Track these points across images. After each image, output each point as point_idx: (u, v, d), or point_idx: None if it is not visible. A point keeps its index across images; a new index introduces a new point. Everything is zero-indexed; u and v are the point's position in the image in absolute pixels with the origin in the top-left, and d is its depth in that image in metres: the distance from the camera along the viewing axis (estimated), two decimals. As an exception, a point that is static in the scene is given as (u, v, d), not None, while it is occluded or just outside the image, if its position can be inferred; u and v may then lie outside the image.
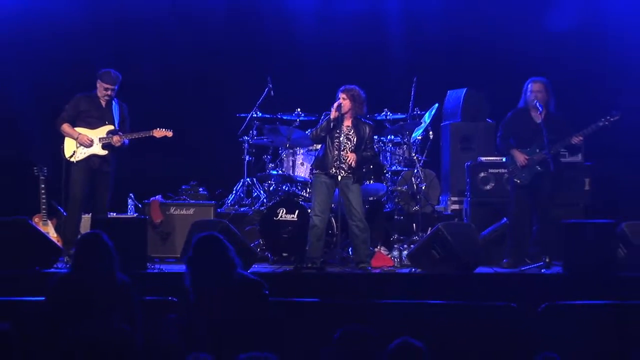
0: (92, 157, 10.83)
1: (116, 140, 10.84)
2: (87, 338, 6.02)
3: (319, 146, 11.71)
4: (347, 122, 10.59)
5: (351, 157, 10.44)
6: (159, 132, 11.08)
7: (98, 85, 10.93)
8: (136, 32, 13.88)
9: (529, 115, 10.85)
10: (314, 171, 10.70)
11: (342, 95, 10.56)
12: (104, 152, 10.86)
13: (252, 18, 14.12)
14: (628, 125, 13.11)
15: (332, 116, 10.44)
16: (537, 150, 10.66)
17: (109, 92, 10.90)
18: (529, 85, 10.85)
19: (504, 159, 11.22)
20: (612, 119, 10.60)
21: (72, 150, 10.83)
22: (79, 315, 6.47)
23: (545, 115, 10.73)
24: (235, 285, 6.66)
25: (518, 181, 10.78)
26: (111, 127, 10.91)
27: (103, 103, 10.96)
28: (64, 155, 10.87)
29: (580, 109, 10.94)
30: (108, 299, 6.58)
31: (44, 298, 6.92)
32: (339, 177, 10.38)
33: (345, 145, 10.45)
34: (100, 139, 10.84)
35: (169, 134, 11.09)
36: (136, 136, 11.02)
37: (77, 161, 10.81)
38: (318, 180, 10.54)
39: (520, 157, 10.70)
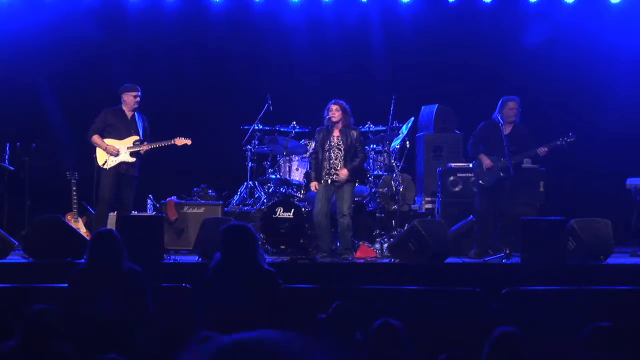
0: (121, 163, 10.80)
1: (144, 148, 10.83)
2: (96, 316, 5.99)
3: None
4: (336, 132, 10.58)
5: (342, 174, 10.44)
6: (179, 141, 11.04)
7: (125, 97, 10.87)
8: (153, 57, 13.91)
9: (499, 127, 10.70)
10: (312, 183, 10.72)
11: (334, 107, 10.56)
12: (132, 159, 10.84)
13: (255, 44, 14.16)
14: (576, 137, 13.23)
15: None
16: (502, 159, 10.66)
17: (137, 99, 10.85)
18: (508, 103, 10.75)
19: (471, 165, 11.21)
20: (568, 140, 10.64)
21: (104, 159, 10.80)
22: (90, 297, 6.42)
23: (512, 129, 10.72)
24: (255, 273, 6.58)
25: (482, 183, 10.79)
26: (137, 138, 10.88)
27: (128, 115, 10.92)
28: (97, 163, 10.85)
29: (537, 122, 10.96)
30: (115, 285, 6.51)
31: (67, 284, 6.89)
32: (329, 181, 10.40)
33: (337, 155, 10.45)
34: (127, 147, 10.82)
35: (189, 142, 11.05)
36: (160, 144, 11.00)
37: (108, 168, 10.79)
38: (317, 189, 10.56)
39: (487, 161, 10.70)
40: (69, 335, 5.61)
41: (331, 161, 10.47)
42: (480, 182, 10.80)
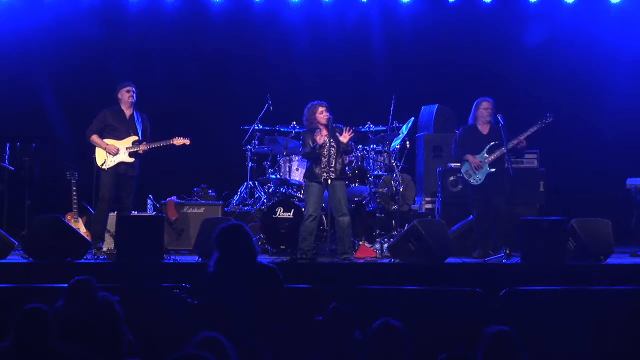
0: (120, 164, 10.81)
1: (142, 149, 10.83)
2: None
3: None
4: (324, 132, 10.54)
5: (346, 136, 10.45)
6: (178, 141, 11.06)
7: (120, 95, 10.90)
8: (153, 57, 13.92)
9: (477, 129, 10.96)
10: (306, 180, 10.64)
11: (325, 108, 10.54)
12: (131, 160, 10.85)
13: (255, 44, 14.16)
14: (575, 136, 13.27)
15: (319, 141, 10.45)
16: (486, 154, 10.71)
17: (131, 93, 10.86)
18: (482, 103, 10.91)
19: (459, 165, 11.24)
20: (546, 121, 10.69)
21: (103, 159, 10.81)
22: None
23: (490, 129, 10.84)
24: (255, 271, 6.58)
25: (474, 182, 10.81)
26: (135, 138, 10.89)
27: (127, 114, 10.93)
28: (96, 163, 10.86)
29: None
30: (93, 322, 6.13)
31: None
32: (329, 181, 10.36)
33: (331, 151, 10.40)
34: (127, 148, 10.82)
35: (187, 141, 11.07)
36: (158, 145, 11.00)
37: (107, 168, 10.80)
38: (310, 186, 10.49)
39: (475, 161, 10.75)
40: (64, 334, 5.58)
41: (326, 159, 10.39)
42: (472, 181, 10.82)
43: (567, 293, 8.27)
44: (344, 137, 10.45)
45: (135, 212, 11.35)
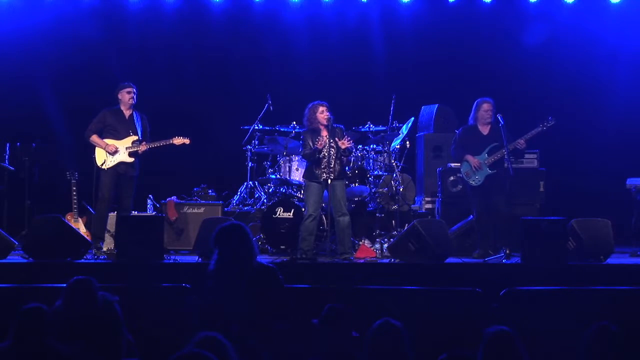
0: (120, 164, 10.81)
1: (142, 148, 10.83)
2: None
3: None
4: (325, 132, 10.54)
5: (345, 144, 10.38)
6: (178, 140, 11.06)
7: (120, 96, 10.91)
8: (153, 57, 13.92)
9: (477, 129, 10.95)
10: (306, 180, 10.63)
11: (325, 108, 10.54)
12: (130, 160, 10.84)
13: (255, 44, 14.16)
14: (575, 136, 13.27)
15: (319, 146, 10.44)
16: (487, 156, 10.72)
17: (131, 95, 10.87)
18: (482, 105, 10.90)
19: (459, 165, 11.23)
20: (548, 125, 10.71)
21: (103, 159, 10.80)
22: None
23: (490, 129, 10.83)
24: (254, 271, 6.59)
25: (473, 183, 10.80)
26: (135, 138, 10.89)
27: (127, 115, 10.93)
28: (96, 163, 10.85)
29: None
30: (92, 322, 6.10)
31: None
32: (329, 181, 10.36)
33: (331, 152, 10.39)
34: (126, 148, 10.82)
35: (187, 141, 11.07)
36: (158, 144, 10.99)
37: (107, 168, 10.79)
38: (310, 186, 10.49)
39: (475, 161, 10.75)
40: (63, 333, 5.58)
41: (326, 159, 10.39)
42: (471, 182, 10.82)
43: (567, 293, 8.27)
44: (342, 144, 10.44)
45: (135, 212, 11.35)
